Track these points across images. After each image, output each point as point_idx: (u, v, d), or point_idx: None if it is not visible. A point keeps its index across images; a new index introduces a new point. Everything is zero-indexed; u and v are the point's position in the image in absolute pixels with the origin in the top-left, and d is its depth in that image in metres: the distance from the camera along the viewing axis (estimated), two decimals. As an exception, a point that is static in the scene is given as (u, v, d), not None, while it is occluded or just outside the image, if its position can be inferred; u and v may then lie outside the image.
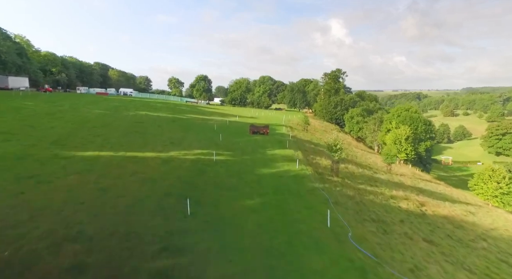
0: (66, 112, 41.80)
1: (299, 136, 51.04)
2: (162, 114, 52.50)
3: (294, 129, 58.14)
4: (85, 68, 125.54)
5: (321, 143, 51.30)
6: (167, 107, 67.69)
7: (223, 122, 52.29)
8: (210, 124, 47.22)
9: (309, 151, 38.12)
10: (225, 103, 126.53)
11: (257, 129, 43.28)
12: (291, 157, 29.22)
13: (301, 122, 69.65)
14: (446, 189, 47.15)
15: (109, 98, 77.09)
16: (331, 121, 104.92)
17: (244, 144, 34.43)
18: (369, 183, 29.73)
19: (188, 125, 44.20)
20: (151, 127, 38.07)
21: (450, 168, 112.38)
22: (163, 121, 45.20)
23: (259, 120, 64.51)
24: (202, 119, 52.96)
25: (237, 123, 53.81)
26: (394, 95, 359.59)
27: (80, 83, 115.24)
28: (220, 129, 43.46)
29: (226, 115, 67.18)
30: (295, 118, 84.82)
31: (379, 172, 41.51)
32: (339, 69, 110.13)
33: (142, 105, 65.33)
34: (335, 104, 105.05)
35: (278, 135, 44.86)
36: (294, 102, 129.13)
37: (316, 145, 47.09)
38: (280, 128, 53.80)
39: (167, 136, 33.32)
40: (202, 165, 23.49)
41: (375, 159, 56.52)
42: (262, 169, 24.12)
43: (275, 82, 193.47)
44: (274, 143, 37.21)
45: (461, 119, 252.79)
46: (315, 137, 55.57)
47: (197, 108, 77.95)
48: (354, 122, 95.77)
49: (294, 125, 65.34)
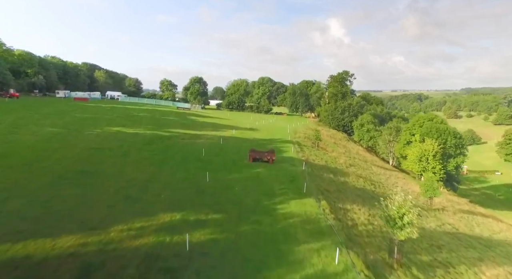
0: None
1: (312, 157, 39.91)
2: (140, 131, 41.16)
3: (303, 145, 47.01)
4: (69, 69, 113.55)
5: (341, 167, 40.23)
6: (151, 117, 56.30)
7: (215, 140, 41.02)
8: (198, 147, 35.93)
9: (332, 191, 26.94)
10: (222, 107, 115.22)
11: (259, 155, 32.05)
12: (317, 226, 17.78)
13: (311, 136, 58.48)
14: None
15: (87, 105, 65.62)
16: (338, 128, 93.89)
17: (241, 187, 23.22)
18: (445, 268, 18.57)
19: (167, 150, 32.83)
20: (110, 160, 26.70)
21: (466, 179, 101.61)
22: (136, 144, 33.85)
23: (259, 133, 53.31)
24: (190, 137, 41.63)
25: (233, 141, 42.59)
26: (395, 96, 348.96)
27: (62, 86, 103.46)
28: (209, 155, 32.23)
29: (220, 127, 55.87)
30: (301, 128, 73.65)
31: (422, 214, 30.45)
32: (346, 71, 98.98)
33: (122, 115, 53.94)
34: (343, 109, 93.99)
35: (287, 161, 33.66)
36: (296, 106, 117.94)
37: (335, 173, 35.96)
38: (287, 147, 42.59)
39: (125, 181, 21.95)
40: (162, 272, 12.08)
41: (404, 183, 45.52)
42: (277, 271, 12.87)
43: (275, 83, 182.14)
44: (285, 181, 26.01)
45: (465, 121, 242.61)
46: (330, 157, 44.40)
47: (188, 116, 66.56)
48: (364, 130, 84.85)
49: (302, 139, 54.21)
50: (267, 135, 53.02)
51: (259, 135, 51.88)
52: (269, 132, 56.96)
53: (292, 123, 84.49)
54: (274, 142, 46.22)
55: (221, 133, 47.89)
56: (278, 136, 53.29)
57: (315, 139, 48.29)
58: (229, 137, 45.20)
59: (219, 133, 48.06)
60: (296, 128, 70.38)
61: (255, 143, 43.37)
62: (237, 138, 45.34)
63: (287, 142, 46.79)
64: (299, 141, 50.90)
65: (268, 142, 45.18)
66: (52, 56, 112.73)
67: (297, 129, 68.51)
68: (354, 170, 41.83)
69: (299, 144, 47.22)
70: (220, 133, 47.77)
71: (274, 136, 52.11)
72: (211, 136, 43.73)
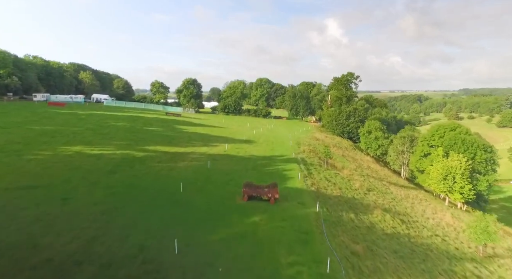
0: None
1: (323, 184, 31.21)
2: (107, 151, 32.21)
3: (310, 165, 38.32)
4: (53, 69, 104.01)
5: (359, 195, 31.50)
6: (130, 128, 47.29)
7: (202, 163, 32.14)
8: (177, 175, 27.11)
9: (363, 255, 18.18)
10: (217, 111, 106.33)
11: (256, 191, 23.25)
12: None
13: (317, 149, 49.81)
14: None
15: (59, 112, 56.49)
16: (343, 135, 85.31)
17: (228, 265, 14.42)
18: None
19: (132, 185, 23.89)
20: (31, 212, 17.70)
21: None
22: (92, 174, 24.91)
23: (257, 148, 44.54)
24: (170, 158, 32.69)
25: (224, 162, 33.78)
26: (394, 97, 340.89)
27: (43, 88, 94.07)
28: (190, 192, 23.43)
29: (211, 139, 46.97)
30: (304, 137, 64.92)
31: (475, 273, 21.82)
32: (351, 73, 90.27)
33: (94, 126, 44.92)
34: (347, 114, 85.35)
35: (294, 196, 24.93)
36: (297, 109, 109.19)
37: (356, 208, 27.27)
38: (291, 169, 33.81)
39: (30, 266, 13.09)
40: None
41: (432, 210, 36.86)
42: None
43: (274, 84, 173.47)
44: (295, 242, 17.20)
45: (466, 123, 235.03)
46: (343, 180, 35.67)
47: (176, 125, 57.57)
48: (372, 138, 76.26)
49: (307, 153, 45.52)
50: (266, 149, 44.28)
51: (256, 150, 43.13)
52: (268, 145, 48.17)
53: (293, 130, 75.78)
54: (275, 161, 37.49)
55: (211, 150, 39.07)
56: (279, 150, 44.55)
57: (325, 156, 39.56)
58: (220, 156, 36.37)
59: (208, 149, 39.21)
60: (299, 138, 61.68)
61: (252, 164, 34.62)
62: (230, 157, 36.53)
63: (290, 161, 38.02)
64: (305, 157, 42.19)
65: (268, 162, 36.46)
66: (34, 56, 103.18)
67: (300, 139, 59.81)
68: (374, 199, 33.20)
69: (305, 163, 38.50)
70: (210, 150, 38.94)
71: (274, 151, 43.36)
72: (198, 156, 34.86)
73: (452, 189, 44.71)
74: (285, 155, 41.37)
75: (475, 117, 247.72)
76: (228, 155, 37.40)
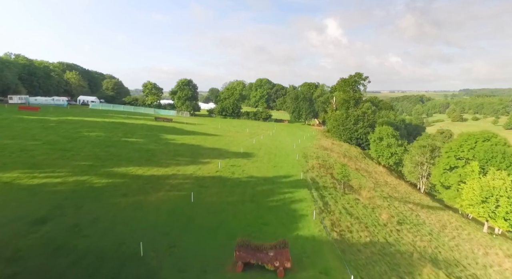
0: None
1: (345, 222, 22.88)
2: (55, 178, 23.67)
3: (323, 188, 30.00)
4: (37, 69, 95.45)
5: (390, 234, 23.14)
6: (103, 140, 38.77)
7: (183, 194, 23.72)
8: (143, 219, 18.71)
9: None
10: (214, 113, 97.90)
11: (256, 256, 14.84)
12: None
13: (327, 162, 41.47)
14: None
15: (26, 118, 47.95)
16: (351, 141, 76.87)
17: None
18: None
19: (57, 251, 15.43)
20: None
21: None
22: (2, 230, 16.50)
23: (257, 164, 36.09)
24: (141, 187, 24.21)
25: (214, 191, 25.34)
26: (396, 98, 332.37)
27: (25, 89, 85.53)
28: (157, 252, 15.07)
29: (202, 153, 38.45)
30: (310, 145, 56.47)
31: None
32: (359, 74, 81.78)
33: (57, 138, 36.44)
34: (356, 119, 76.91)
35: (310, 257, 16.59)
36: (299, 112, 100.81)
37: (393, 265, 18.91)
38: (301, 199, 25.43)
39: None
40: None
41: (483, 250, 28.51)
42: None
43: (274, 85, 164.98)
44: None
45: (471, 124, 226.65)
46: (367, 212, 27.29)
47: (163, 134, 49.05)
48: (383, 145, 67.82)
49: (317, 170, 37.24)
50: (269, 166, 35.86)
51: (256, 167, 34.71)
52: (270, 159, 39.76)
53: (298, 137, 67.43)
54: (280, 185, 29.06)
55: (200, 170, 30.64)
56: (284, 167, 36.15)
57: (342, 178, 31.08)
58: (210, 180, 27.94)
59: (196, 169, 30.77)
60: (305, 147, 53.28)
61: (250, 192, 26.23)
62: (223, 181, 28.12)
63: (299, 185, 29.62)
64: (315, 177, 33.82)
65: (271, 188, 28.05)
66: (16, 55, 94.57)
67: (306, 149, 51.42)
68: (411, 239, 24.86)
69: (317, 187, 30.12)
70: (198, 170, 30.51)
71: (278, 169, 34.95)
72: (181, 181, 26.40)
73: (495, 214, 36.42)
74: (292, 175, 32.96)
75: (480, 119, 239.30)
76: (220, 178, 28.98)
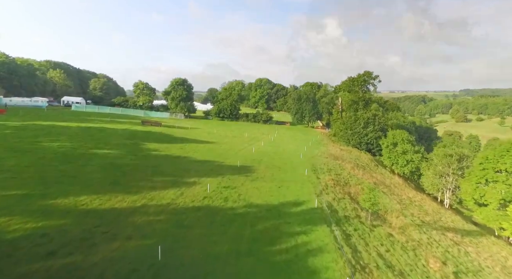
0: None
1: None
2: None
3: (344, 219, 22.21)
4: (19, 68, 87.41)
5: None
6: (64, 153, 30.75)
7: (151, 243, 15.81)
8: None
9: None
10: (211, 115, 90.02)
11: None
12: None
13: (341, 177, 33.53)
14: None
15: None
16: (360, 146, 69.03)
17: None
18: None
19: None
20: None
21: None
22: None
23: (258, 185, 28.13)
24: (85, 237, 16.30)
25: (194, 239, 17.46)
26: (397, 98, 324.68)
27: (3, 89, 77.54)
28: None
29: (187, 170, 30.40)
30: (319, 154, 48.46)
31: None
32: (369, 72, 73.96)
33: (2, 151, 28.49)
34: (366, 122, 69.09)
35: None
36: (302, 114, 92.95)
37: None
38: (318, 241, 17.60)
39: None
40: None
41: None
42: None
43: (274, 85, 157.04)
44: None
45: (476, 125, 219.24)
46: (409, 259, 19.43)
47: (145, 143, 41.04)
48: (398, 151, 59.99)
49: (332, 188, 29.47)
50: (272, 187, 27.93)
51: (257, 188, 26.80)
52: (274, 176, 31.82)
53: (303, 143, 59.54)
54: (289, 219, 21.14)
55: (182, 196, 22.73)
56: (292, 188, 28.25)
57: (370, 206, 23.15)
58: (194, 212, 20.06)
59: (177, 194, 22.85)
60: (313, 157, 45.36)
61: (248, 233, 18.32)
62: (212, 213, 20.23)
63: (314, 218, 21.74)
64: (331, 201, 25.99)
65: (276, 224, 20.14)
66: None
67: (314, 159, 43.50)
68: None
69: (338, 219, 22.31)
70: (180, 196, 22.60)
71: (284, 191, 27.03)
72: (149, 219, 18.48)
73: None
74: (303, 201, 25.03)
75: (484, 119, 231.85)
76: (208, 209, 21.08)
